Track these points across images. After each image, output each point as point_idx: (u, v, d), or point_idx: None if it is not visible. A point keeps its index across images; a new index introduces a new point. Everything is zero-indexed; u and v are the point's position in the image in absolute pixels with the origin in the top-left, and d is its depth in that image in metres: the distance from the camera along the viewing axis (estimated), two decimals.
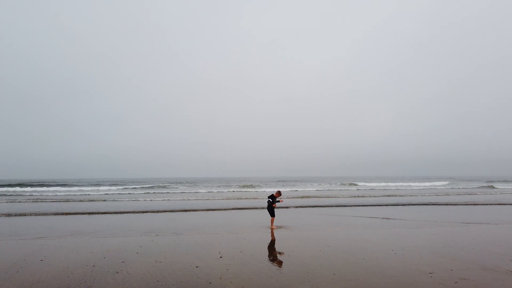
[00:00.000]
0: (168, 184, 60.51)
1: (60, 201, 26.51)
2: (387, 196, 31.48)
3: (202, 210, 19.00)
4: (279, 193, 12.91)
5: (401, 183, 62.43)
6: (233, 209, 19.61)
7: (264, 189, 47.05)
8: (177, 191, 41.48)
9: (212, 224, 13.43)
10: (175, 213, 17.67)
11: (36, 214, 17.16)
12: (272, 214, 12.55)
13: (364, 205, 21.48)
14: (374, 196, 30.64)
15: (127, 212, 17.83)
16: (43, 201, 26.54)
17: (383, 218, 15.12)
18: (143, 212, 18.06)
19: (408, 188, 47.78)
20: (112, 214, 17.06)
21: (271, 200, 12.52)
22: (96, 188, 49.40)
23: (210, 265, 6.98)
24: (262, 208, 19.10)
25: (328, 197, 30.38)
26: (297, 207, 20.49)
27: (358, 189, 46.55)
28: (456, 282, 5.68)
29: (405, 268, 6.65)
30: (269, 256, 7.89)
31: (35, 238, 10.40)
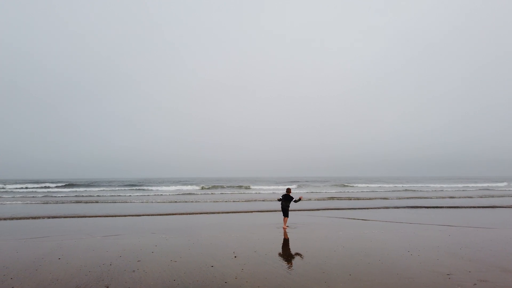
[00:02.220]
0: (176, 185, 60.93)
1: (71, 203, 26.91)
2: (405, 198, 31.11)
3: (214, 212, 19.05)
4: (289, 190, 12.86)
5: (420, 184, 61.61)
6: (245, 212, 19.61)
7: (272, 190, 46.93)
8: (184, 193, 41.68)
9: (225, 225, 13.46)
10: (187, 215, 17.76)
11: (49, 217, 17.45)
12: (286, 214, 12.48)
13: (378, 208, 21.31)
14: (386, 198, 30.32)
15: (139, 215, 18.00)
16: (53, 203, 26.97)
17: (395, 221, 14.97)
18: (154, 215, 18.19)
19: (426, 190, 47.09)
20: (124, 217, 17.25)
21: (287, 198, 12.47)
22: (108, 189, 49.95)
23: (225, 264, 7.01)
24: (269, 210, 19.11)
25: (342, 199, 30.17)
26: (311, 210, 20.42)
27: (359, 191, 46.07)
28: (475, 284, 5.59)
29: (422, 269, 6.57)
30: (283, 256, 7.88)
31: (52, 238, 10.57)
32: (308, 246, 9.03)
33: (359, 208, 19.99)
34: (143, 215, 16.98)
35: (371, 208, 19.94)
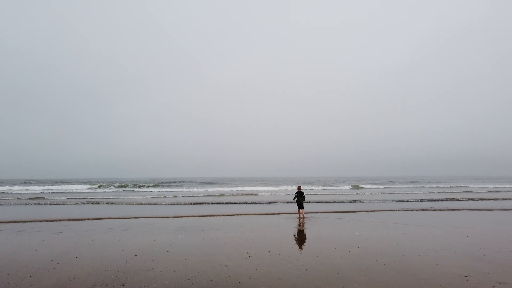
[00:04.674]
0: (187, 184, 61.38)
1: (78, 204, 27.34)
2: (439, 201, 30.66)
3: (228, 215, 19.13)
4: (300, 187, 16.19)
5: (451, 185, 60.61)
6: (258, 214, 19.63)
7: (282, 188, 46.88)
8: (196, 195, 41.93)
9: (238, 225, 13.49)
10: (202, 217, 17.86)
11: (63, 219, 17.73)
12: (302, 206, 15.64)
13: (397, 210, 21.07)
14: (405, 201, 29.91)
15: (154, 217, 18.17)
16: (63, 204, 27.40)
17: (412, 223, 14.75)
18: (168, 217, 18.35)
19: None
20: (138, 219, 17.44)
21: (300, 194, 15.71)
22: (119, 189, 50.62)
23: (239, 264, 7.03)
24: (282, 213, 19.10)
25: (364, 201, 29.90)
26: (328, 212, 20.31)
27: (366, 193, 45.51)
28: (494, 286, 5.46)
29: (438, 270, 6.46)
30: (297, 256, 7.84)
31: (70, 238, 10.78)
32: (323, 246, 8.97)
33: (377, 211, 19.79)
34: (158, 217, 17.16)
35: (389, 211, 19.72)
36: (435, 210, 18.99)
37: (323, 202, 24.74)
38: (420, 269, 6.59)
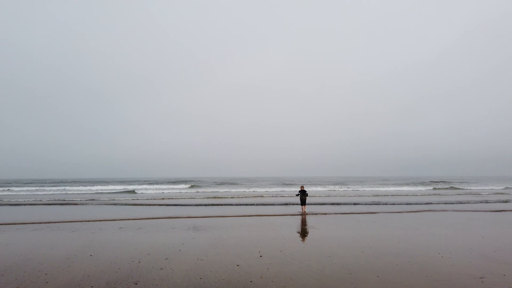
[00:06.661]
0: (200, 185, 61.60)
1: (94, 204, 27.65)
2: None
3: (239, 215, 19.17)
4: (303, 187, 18.65)
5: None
6: (269, 215, 19.62)
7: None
8: (208, 195, 42.02)
9: (250, 225, 13.51)
10: (213, 218, 17.92)
11: (81, 220, 17.96)
12: (304, 203, 17.92)
13: (415, 211, 20.83)
14: (400, 203, 29.50)
15: (166, 217, 18.30)
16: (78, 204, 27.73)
17: (426, 224, 14.56)
18: (180, 217, 18.46)
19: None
20: (152, 219, 17.58)
21: (303, 193, 18.10)
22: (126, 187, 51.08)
23: (250, 264, 7.04)
24: (293, 214, 19.04)
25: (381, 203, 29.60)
26: (343, 214, 20.18)
27: (380, 194, 44.98)
28: None
29: (453, 272, 6.36)
30: (309, 256, 7.80)
31: (85, 237, 10.94)
32: (335, 246, 8.92)
33: (391, 212, 19.61)
34: (170, 217, 17.29)
35: (402, 212, 19.52)
36: (450, 211, 18.71)
37: (336, 204, 24.58)
38: (434, 270, 6.50)
